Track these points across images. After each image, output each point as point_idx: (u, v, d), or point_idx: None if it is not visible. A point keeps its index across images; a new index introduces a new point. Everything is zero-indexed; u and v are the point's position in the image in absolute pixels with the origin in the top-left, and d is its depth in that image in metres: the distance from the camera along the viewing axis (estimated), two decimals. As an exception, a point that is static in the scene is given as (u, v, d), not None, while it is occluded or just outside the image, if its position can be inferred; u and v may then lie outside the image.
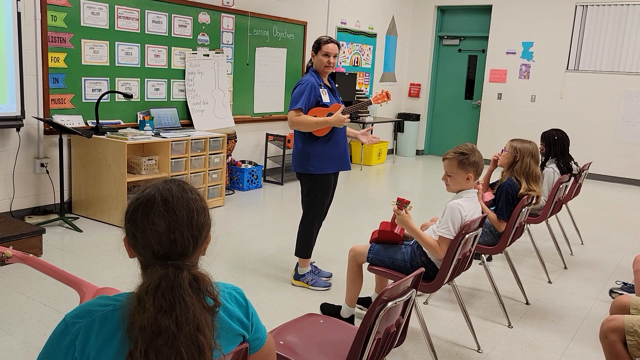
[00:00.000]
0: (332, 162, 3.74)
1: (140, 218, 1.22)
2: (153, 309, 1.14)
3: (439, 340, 3.17)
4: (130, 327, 1.14)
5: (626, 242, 5.42)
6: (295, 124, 3.58)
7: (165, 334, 1.13)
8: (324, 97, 3.65)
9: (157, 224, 1.21)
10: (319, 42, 3.67)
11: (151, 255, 1.21)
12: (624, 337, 2.25)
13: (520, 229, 3.75)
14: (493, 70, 9.47)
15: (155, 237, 1.21)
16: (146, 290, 1.16)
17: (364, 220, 5.69)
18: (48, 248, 4.22)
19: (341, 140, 3.78)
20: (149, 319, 1.13)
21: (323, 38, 3.68)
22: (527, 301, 3.80)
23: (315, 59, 3.70)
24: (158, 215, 1.21)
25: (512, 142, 3.75)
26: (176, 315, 1.14)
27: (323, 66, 3.66)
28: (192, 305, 1.16)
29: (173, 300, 1.15)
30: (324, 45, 3.64)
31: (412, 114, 10.18)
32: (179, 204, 1.24)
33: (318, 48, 3.66)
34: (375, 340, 1.89)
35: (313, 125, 3.57)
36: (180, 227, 1.22)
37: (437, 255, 2.86)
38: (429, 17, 10.07)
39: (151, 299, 1.14)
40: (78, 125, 5.08)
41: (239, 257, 4.25)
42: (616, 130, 8.55)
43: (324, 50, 3.64)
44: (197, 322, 1.16)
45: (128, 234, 1.26)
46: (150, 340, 1.12)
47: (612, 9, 8.44)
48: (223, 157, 5.88)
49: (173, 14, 5.88)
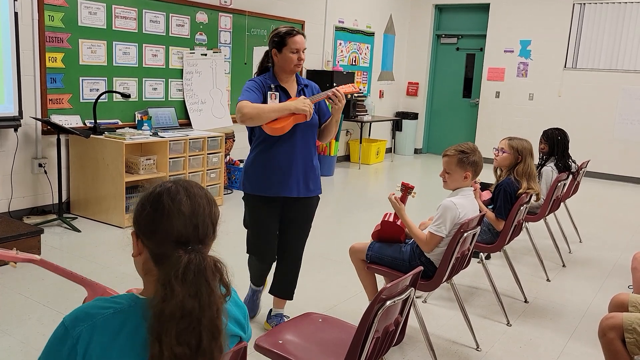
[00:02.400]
0: (266, 183, 2.88)
1: (165, 201, 1.24)
2: (182, 293, 1.14)
3: (437, 339, 3.18)
4: (158, 314, 1.13)
5: (624, 239, 5.43)
6: (246, 114, 2.71)
7: (189, 317, 1.14)
8: (270, 102, 2.83)
9: (183, 206, 1.23)
10: (282, 37, 2.83)
11: (174, 241, 1.21)
12: (622, 334, 2.26)
13: (518, 227, 3.75)
14: (491, 68, 9.47)
15: (180, 221, 1.22)
16: (175, 275, 1.15)
17: (363, 218, 5.69)
18: (46, 248, 4.21)
19: (284, 154, 2.87)
20: (178, 304, 1.13)
21: (282, 30, 2.86)
22: (525, 299, 3.80)
23: (279, 57, 2.85)
24: (183, 199, 1.24)
25: (510, 142, 3.72)
26: (201, 298, 1.15)
27: (293, 65, 2.85)
28: (215, 288, 1.18)
29: (199, 283, 1.16)
30: (291, 39, 2.82)
31: (410, 113, 10.19)
32: (199, 193, 1.28)
33: (282, 44, 2.83)
34: (374, 338, 1.89)
35: (271, 111, 2.73)
36: (203, 212, 1.25)
37: (423, 248, 2.90)
38: (426, 16, 10.06)
39: (180, 283, 1.15)
40: (76, 125, 5.07)
41: (238, 257, 4.25)
42: (614, 128, 8.56)
43: (292, 46, 2.82)
44: (217, 307, 1.18)
45: (145, 223, 1.25)
46: (177, 324, 1.13)
47: (609, 6, 8.44)
48: (221, 156, 5.87)
49: (171, 13, 5.87)
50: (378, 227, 3.09)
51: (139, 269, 1.30)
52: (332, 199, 6.44)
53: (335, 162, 7.93)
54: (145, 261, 1.26)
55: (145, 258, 1.26)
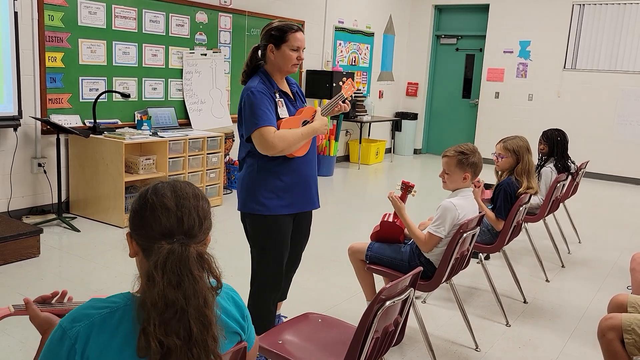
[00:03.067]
0: (292, 199, 2.64)
1: (150, 196, 1.27)
2: (162, 283, 1.15)
3: (437, 339, 3.18)
4: (142, 305, 1.15)
5: (623, 240, 5.44)
6: (276, 147, 2.47)
7: (173, 307, 1.15)
8: (280, 112, 2.59)
9: (167, 199, 1.26)
10: (283, 32, 2.57)
11: (159, 234, 1.23)
12: (621, 335, 2.26)
13: (518, 227, 3.75)
14: (490, 69, 9.48)
15: (164, 214, 1.24)
16: (155, 265, 1.17)
17: (362, 219, 5.69)
18: (46, 248, 4.21)
19: (307, 165, 2.69)
20: (159, 293, 1.14)
21: (281, 24, 2.60)
22: (524, 300, 3.80)
23: (275, 54, 2.58)
24: (167, 194, 1.27)
25: (504, 145, 3.72)
26: (185, 288, 1.16)
27: (291, 65, 2.60)
28: (199, 278, 1.19)
29: (181, 273, 1.17)
30: (292, 35, 2.56)
31: (410, 113, 10.19)
32: (186, 187, 1.31)
33: (282, 39, 2.56)
34: (374, 339, 1.89)
35: (299, 139, 2.55)
36: (188, 205, 1.27)
37: (422, 248, 2.90)
38: (426, 16, 10.07)
39: (160, 273, 1.16)
40: (75, 124, 5.07)
41: (237, 257, 4.25)
42: (613, 129, 8.57)
43: (293, 43, 2.57)
44: (204, 296, 1.18)
45: (135, 220, 1.28)
46: (160, 314, 1.14)
47: (609, 7, 8.45)
48: (221, 156, 5.87)
49: (170, 13, 5.87)
50: (377, 227, 3.09)
51: (138, 269, 1.31)
52: (331, 199, 6.44)
53: (334, 162, 7.93)
54: (141, 260, 1.28)
55: (141, 257, 1.28)
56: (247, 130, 2.53)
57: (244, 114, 2.54)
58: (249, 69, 2.68)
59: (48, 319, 1.37)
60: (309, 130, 2.58)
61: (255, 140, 2.50)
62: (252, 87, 2.55)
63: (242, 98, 2.57)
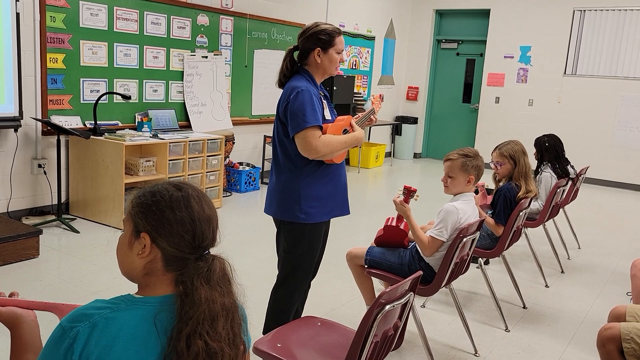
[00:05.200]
0: (332, 205, 2.69)
1: (193, 205, 1.27)
2: (219, 293, 1.22)
3: (436, 344, 3.17)
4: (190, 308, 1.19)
5: (623, 246, 5.43)
6: (319, 150, 2.47)
7: (227, 314, 1.23)
8: (326, 113, 2.62)
9: (205, 210, 1.29)
10: (330, 35, 2.56)
11: (195, 245, 1.26)
12: (620, 345, 2.25)
13: (517, 232, 3.75)
14: (491, 74, 9.49)
15: (205, 225, 1.27)
16: (207, 277, 1.23)
17: (361, 223, 5.69)
18: (45, 249, 4.21)
19: (343, 172, 2.76)
20: (220, 304, 1.21)
21: (332, 30, 2.59)
22: (524, 305, 3.80)
23: (322, 57, 2.58)
24: (204, 205, 1.29)
25: (500, 152, 3.72)
26: (230, 296, 1.26)
27: (334, 67, 2.63)
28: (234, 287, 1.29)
29: (230, 282, 1.28)
30: (339, 39, 2.58)
31: (410, 117, 10.20)
32: (205, 198, 1.33)
33: (330, 43, 2.56)
34: (373, 343, 1.89)
35: (341, 147, 2.57)
36: (214, 217, 1.31)
37: (424, 253, 2.89)
38: (427, 21, 10.09)
39: (215, 284, 1.23)
40: (76, 126, 5.07)
41: (237, 259, 4.26)
42: (613, 135, 8.58)
43: (339, 47, 2.59)
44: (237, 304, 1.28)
45: (162, 223, 1.24)
46: (213, 320, 1.20)
47: (609, 13, 8.47)
48: (221, 158, 5.87)
49: (172, 15, 5.88)
50: (381, 232, 3.09)
51: (134, 268, 1.27)
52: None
53: (334, 165, 7.92)
54: (152, 262, 1.25)
55: (153, 259, 1.25)
56: (293, 128, 2.47)
57: (290, 112, 2.48)
58: (289, 72, 2.64)
59: (12, 313, 1.35)
60: (351, 140, 2.61)
61: (299, 140, 2.48)
62: (302, 86, 2.50)
63: (288, 97, 2.51)
